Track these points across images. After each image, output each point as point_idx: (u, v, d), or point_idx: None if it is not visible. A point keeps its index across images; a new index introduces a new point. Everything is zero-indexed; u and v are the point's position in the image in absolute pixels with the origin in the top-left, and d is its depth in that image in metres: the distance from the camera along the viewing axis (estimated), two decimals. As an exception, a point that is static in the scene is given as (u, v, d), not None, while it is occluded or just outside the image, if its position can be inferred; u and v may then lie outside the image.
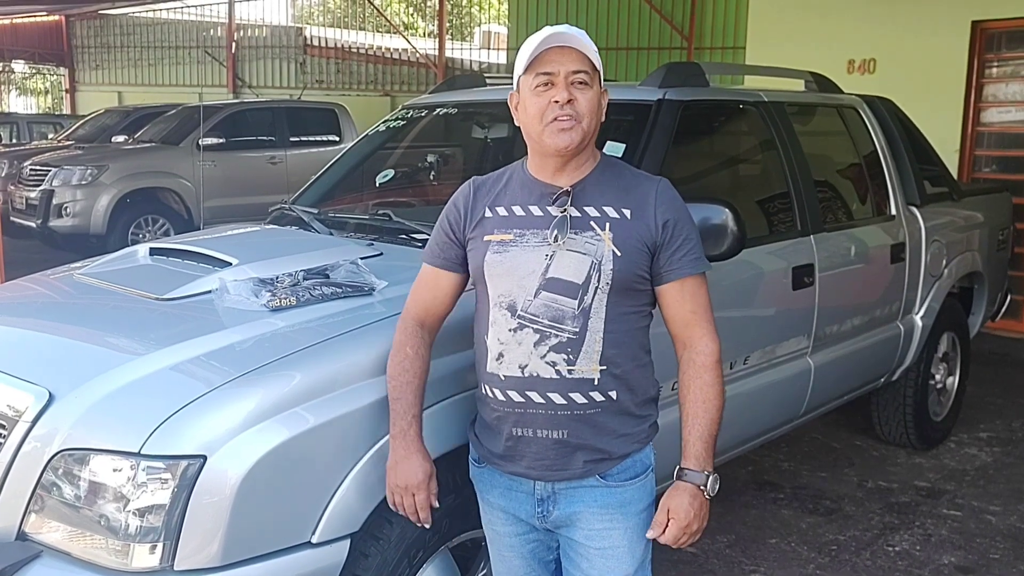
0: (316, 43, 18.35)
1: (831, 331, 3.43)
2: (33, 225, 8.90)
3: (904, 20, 6.90)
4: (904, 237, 3.86)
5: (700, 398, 1.81)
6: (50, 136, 14.37)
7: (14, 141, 14.36)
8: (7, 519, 1.86)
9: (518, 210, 1.83)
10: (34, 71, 27.35)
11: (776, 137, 3.31)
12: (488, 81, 3.72)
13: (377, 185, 3.32)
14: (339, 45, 18.19)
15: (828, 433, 4.64)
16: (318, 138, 10.63)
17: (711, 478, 1.80)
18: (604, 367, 1.78)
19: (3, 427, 1.92)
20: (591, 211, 1.79)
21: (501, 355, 1.81)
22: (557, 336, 1.77)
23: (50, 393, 1.89)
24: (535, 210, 1.81)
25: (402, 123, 3.54)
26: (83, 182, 8.88)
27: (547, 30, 1.77)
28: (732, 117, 3.42)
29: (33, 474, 1.83)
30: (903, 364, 4.04)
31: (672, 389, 2.09)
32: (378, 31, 19.44)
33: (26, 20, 22.02)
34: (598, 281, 1.76)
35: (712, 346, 1.84)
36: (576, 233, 1.77)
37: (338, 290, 2.20)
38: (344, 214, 3.08)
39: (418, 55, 17.16)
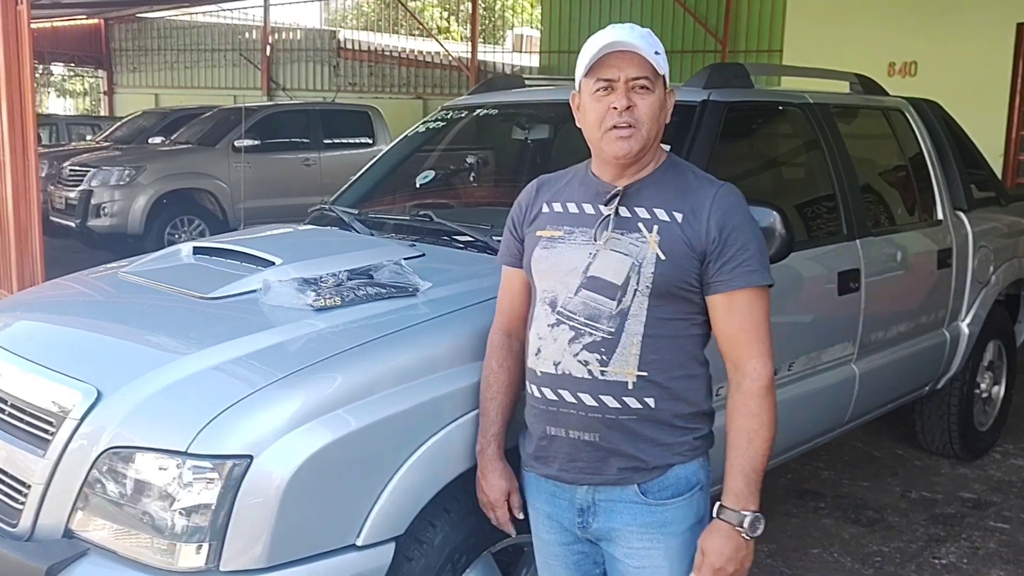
0: (349, 46, 18.49)
1: (876, 338, 3.36)
2: (72, 225, 9.02)
3: (947, 22, 6.79)
4: (951, 243, 3.78)
5: (744, 427, 1.72)
6: (88, 137, 14.58)
7: (53, 142, 14.57)
8: (54, 516, 1.86)
9: (572, 207, 1.82)
10: (73, 73, 27.79)
11: (821, 139, 3.25)
12: (527, 82, 3.70)
13: (417, 186, 3.31)
14: (372, 48, 18.32)
15: (869, 442, 4.56)
16: (352, 140, 10.68)
17: (750, 519, 1.69)
18: (643, 373, 1.72)
19: (51, 424, 1.93)
20: (641, 212, 1.76)
21: (539, 350, 1.79)
22: (592, 335, 1.73)
23: (98, 391, 1.89)
24: (588, 208, 1.80)
25: (441, 124, 3.52)
26: (121, 183, 8.99)
27: (609, 32, 1.73)
28: (777, 119, 3.37)
29: (80, 472, 1.84)
30: (948, 372, 3.95)
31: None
32: (411, 34, 19.53)
33: (66, 23, 22.39)
34: (637, 283, 1.72)
35: (762, 370, 1.73)
36: (622, 233, 1.74)
37: (382, 291, 2.18)
38: (384, 215, 3.07)
39: (450, 58, 17.21)
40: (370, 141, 10.68)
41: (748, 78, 3.12)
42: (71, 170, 9.36)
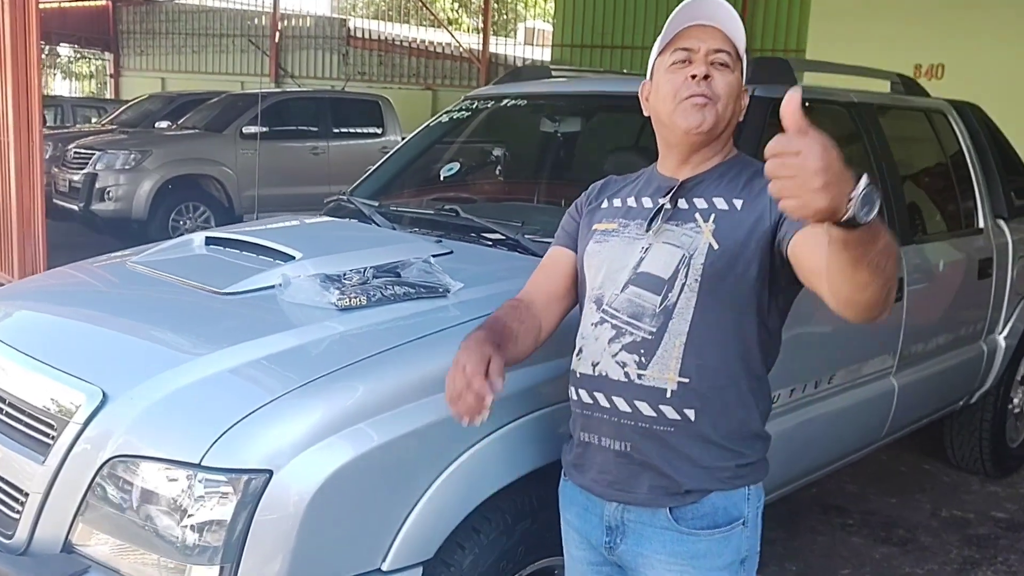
0: (359, 35, 18.32)
1: (916, 350, 3.20)
2: (76, 208, 8.86)
3: (976, 24, 6.62)
4: (992, 252, 3.62)
5: None
6: (94, 120, 14.41)
7: (58, 124, 14.40)
8: (53, 528, 1.72)
9: (631, 201, 1.70)
10: (79, 55, 27.59)
11: (866, 141, 3.10)
12: (554, 73, 3.55)
13: (441, 179, 3.15)
14: (382, 37, 18.14)
15: (893, 455, 4.40)
16: (361, 130, 10.53)
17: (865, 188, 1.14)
18: (685, 379, 1.56)
19: (52, 428, 1.78)
20: (699, 203, 1.61)
21: (581, 350, 1.67)
22: (632, 334, 1.58)
23: (104, 393, 1.74)
24: (646, 202, 1.67)
25: (466, 114, 3.36)
26: (126, 167, 8.82)
27: (693, 5, 1.61)
28: (821, 118, 3.19)
29: (83, 481, 1.69)
30: (983, 386, 3.80)
31: (790, 395, 1.87)
32: (421, 25, 19.34)
33: (73, 5, 22.20)
34: (685, 277, 1.56)
35: None
36: (676, 225, 1.60)
37: (411, 290, 2.03)
38: (407, 208, 2.92)
39: (461, 50, 17.03)
40: (379, 131, 10.56)
41: (792, 74, 2.96)
42: (75, 153, 9.19)
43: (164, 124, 10.53)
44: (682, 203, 1.62)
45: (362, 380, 1.74)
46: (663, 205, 1.62)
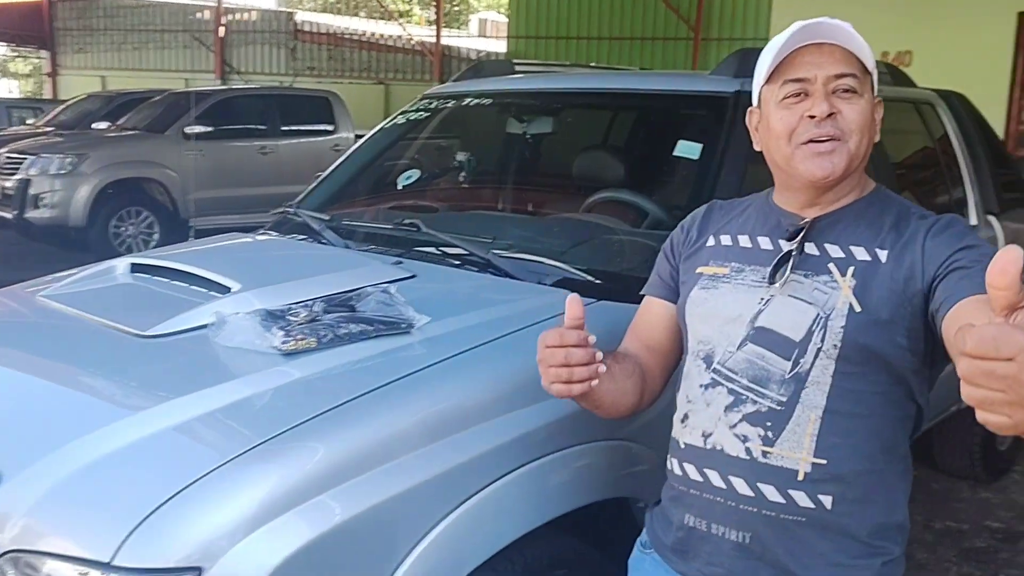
0: (307, 28, 17.84)
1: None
2: (9, 216, 8.40)
3: (945, 10, 6.50)
4: (984, 250, 3.44)
5: None
6: (29, 121, 13.80)
7: (-8, 126, 13.76)
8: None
9: (744, 240, 1.42)
10: (15, 54, 26.57)
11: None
12: (517, 68, 3.27)
13: (399, 188, 2.85)
14: (331, 31, 17.68)
15: (880, 461, 4.22)
16: (311, 127, 10.16)
17: None
18: (821, 460, 1.30)
19: (-69, 516, 1.45)
20: (833, 250, 1.34)
21: (686, 416, 1.41)
22: (756, 403, 1.32)
23: (-5, 471, 1.42)
24: (764, 242, 1.40)
25: (424, 115, 3.07)
26: (62, 171, 8.36)
27: (798, 23, 1.32)
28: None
29: (-29, 581, 1.37)
30: (977, 390, 3.62)
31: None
32: (371, 17, 18.92)
33: (6, 1, 21.30)
34: (821, 341, 1.29)
35: None
36: (805, 275, 1.33)
37: (368, 328, 1.74)
38: (361, 222, 2.62)
39: (414, 43, 16.68)
40: (331, 128, 10.22)
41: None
42: (8, 157, 8.71)
43: (103, 125, 10.04)
44: (810, 248, 1.36)
45: (317, 442, 1.45)
46: (790, 251, 1.35)
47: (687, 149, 2.33)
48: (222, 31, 18.31)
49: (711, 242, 1.47)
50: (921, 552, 3.40)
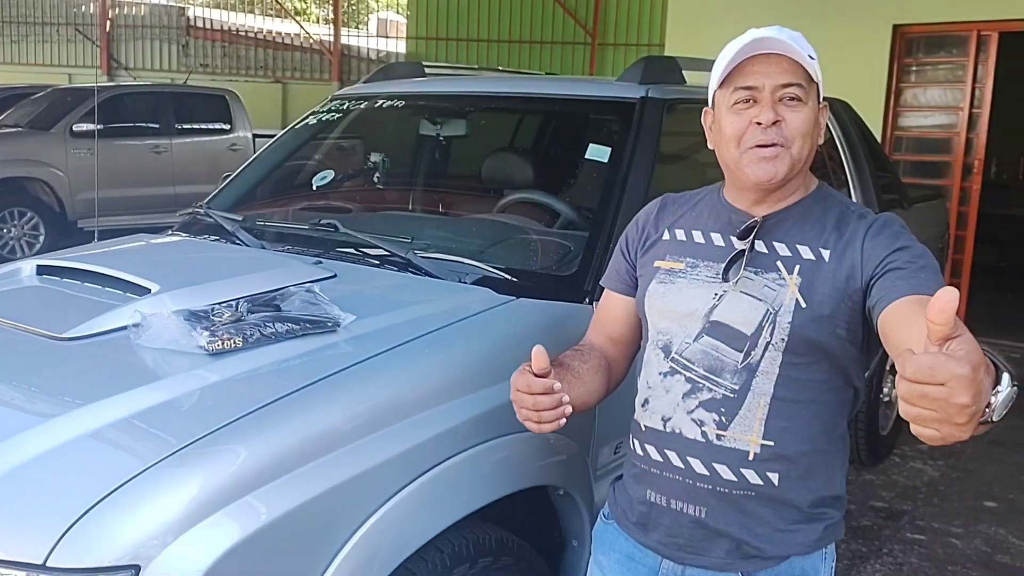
0: (200, 24, 17.31)
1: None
2: None
3: (827, 22, 6.85)
4: (866, 248, 3.68)
5: None
6: None
7: None
8: None
9: (698, 236, 1.52)
10: None
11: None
12: (427, 71, 3.32)
13: (314, 188, 2.86)
14: (226, 28, 17.21)
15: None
16: (207, 126, 9.91)
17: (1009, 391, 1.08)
18: (769, 442, 1.42)
19: None
20: (781, 249, 1.45)
21: (647, 401, 1.52)
22: (711, 391, 1.44)
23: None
24: (717, 239, 1.49)
25: (335, 116, 3.08)
26: (-65, 171, 7.92)
27: (750, 33, 1.40)
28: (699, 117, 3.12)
29: None
30: (861, 379, 3.87)
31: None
32: (267, 14, 18.51)
33: None
34: (770, 335, 1.40)
35: None
36: (756, 273, 1.44)
37: (295, 327, 1.76)
38: (277, 222, 2.62)
39: (312, 41, 16.42)
40: (227, 127, 9.98)
41: (680, 73, 2.87)
42: None
43: (-19, 122, 9.53)
44: (760, 246, 1.46)
45: (246, 442, 1.46)
46: (743, 251, 1.45)
47: (597, 152, 2.43)
48: (108, 25, 17.58)
49: (666, 236, 1.56)
50: (813, 532, 3.61)
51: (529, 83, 3.26)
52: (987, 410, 0.99)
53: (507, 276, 2.13)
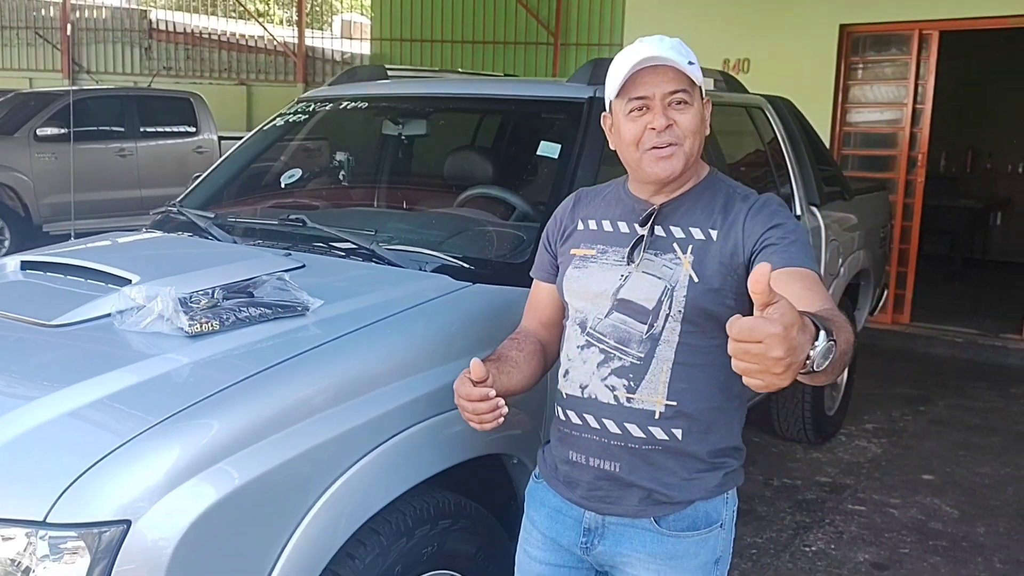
0: (163, 27, 17.24)
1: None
2: None
3: (777, 22, 7.10)
4: (807, 237, 3.89)
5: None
6: None
7: None
8: None
9: (607, 225, 1.71)
10: None
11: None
12: (390, 74, 3.48)
13: (283, 186, 3.01)
14: (188, 30, 17.16)
15: (728, 431, 4.66)
16: (172, 129, 9.95)
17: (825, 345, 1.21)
18: (672, 402, 1.61)
19: None
20: (676, 232, 1.64)
21: (568, 372, 1.70)
22: (621, 359, 1.63)
23: (-79, 449, 1.53)
24: (622, 226, 1.69)
25: (302, 117, 3.23)
26: (-101, 176, 7.90)
27: (637, 49, 1.58)
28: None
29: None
30: (805, 362, 4.09)
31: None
32: (230, 17, 18.48)
33: None
34: (669, 308, 1.59)
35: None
36: (655, 255, 1.63)
37: (267, 311, 1.92)
38: (247, 219, 2.77)
39: (276, 44, 16.44)
40: (192, 130, 10.03)
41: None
42: None
43: (-59, 127, 9.49)
44: (659, 230, 1.64)
45: (221, 414, 1.62)
46: (643, 236, 1.63)
47: (547, 149, 2.61)
48: (69, 28, 17.45)
49: (580, 226, 1.75)
50: (761, 506, 3.83)
51: (486, 84, 3.44)
52: (807, 361, 1.18)
53: (464, 264, 2.30)
